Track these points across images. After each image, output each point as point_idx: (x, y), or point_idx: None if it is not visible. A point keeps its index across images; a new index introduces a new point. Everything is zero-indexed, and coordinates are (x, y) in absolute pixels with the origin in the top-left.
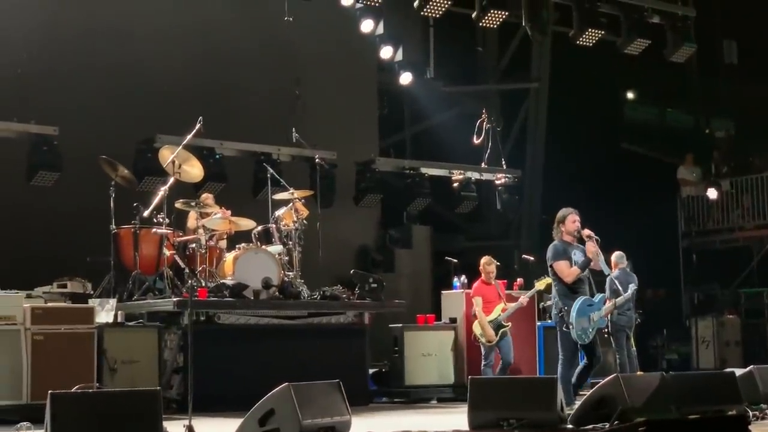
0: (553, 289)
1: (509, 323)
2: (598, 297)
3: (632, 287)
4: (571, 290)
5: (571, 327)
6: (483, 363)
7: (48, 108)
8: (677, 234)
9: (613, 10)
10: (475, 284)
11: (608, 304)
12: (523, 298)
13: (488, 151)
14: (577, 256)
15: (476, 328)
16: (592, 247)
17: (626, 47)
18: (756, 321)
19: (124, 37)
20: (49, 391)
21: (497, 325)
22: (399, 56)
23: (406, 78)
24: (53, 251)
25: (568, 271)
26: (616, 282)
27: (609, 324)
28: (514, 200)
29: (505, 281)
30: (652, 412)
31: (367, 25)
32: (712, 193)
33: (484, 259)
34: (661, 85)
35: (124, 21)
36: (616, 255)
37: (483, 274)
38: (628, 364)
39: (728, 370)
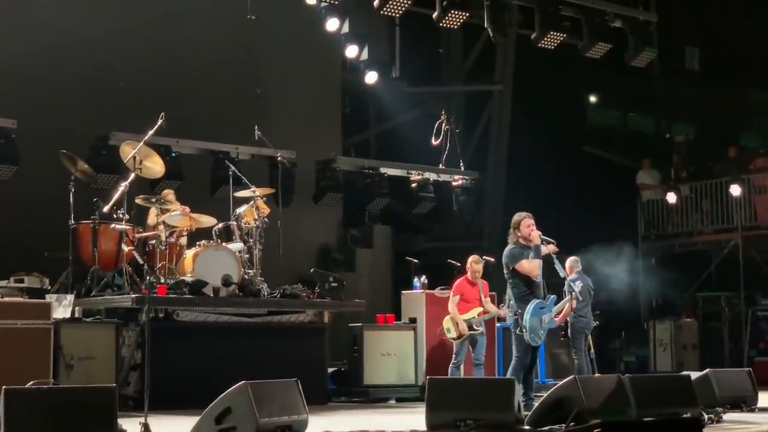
0: (509, 293)
1: (480, 328)
2: (549, 299)
3: (578, 284)
4: (526, 293)
5: (524, 330)
6: (453, 361)
7: (6, 100)
8: (637, 237)
9: (575, 13)
10: (458, 281)
11: (566, 307)
12: (503, 310)
13: (446, 152)
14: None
15: (446, 323)
16: (552, 249)
17: (588, 51)
18: (713, 325)
19: (85, 31)
20: (3, 387)
21: (468, 327)
22: (364, 55)
23: (371, 77)
24: (10, 246)
25: (530, 266)
26: (573, 285)
27: (568, 326)
28: (471, 202)
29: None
30: (608, 414)
31: (332, 24)
32: (671, 197)
33: (471, 258)
34: (623, 89)
35: (85, 16)
36: (571, 260)
37: (469, 272)
38: (585, 366)
39: (684, 373)
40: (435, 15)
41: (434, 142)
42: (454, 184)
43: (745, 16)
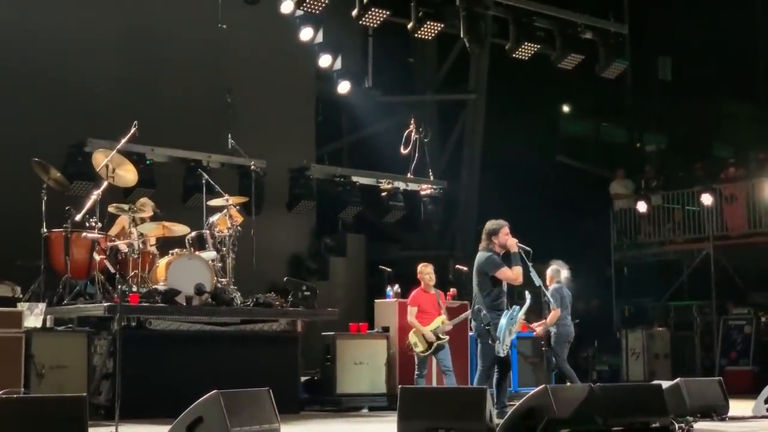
0: (480, 302)
1: (447, 336)
2: (515, 310)
3: (559, 294)
4: (498, 303)
5: (498, 342)
6: (416, 373)
7: None
8: (609, 246)
9: (549, 24)
10: (414, 292)
11: (549, 316)
12: (466, 314)
13: (415, 161)
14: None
15: (412, 337)
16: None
17: (560, 62)
18: (685, 334)
19: (59, 39)
20: None
21: (435, 336)
22: (338, 65)
23: (344, 87)
24: None
25: (514, 273)
26: (558, 294)
27: (553, 335)
28: (439, 211)
29: (453, 291)
30: (579, 424)
31: (306, 34)
32: (641, 206)
33: (420, 266)
34: (596, 99)
35: (58, 24)
36: (552, 269)
37: (422, 282)
38: (570, 373)
39: (655, 382)
40: (410, 26)
41: (403, 151)
42: (422, 193)
43: (717, 27)
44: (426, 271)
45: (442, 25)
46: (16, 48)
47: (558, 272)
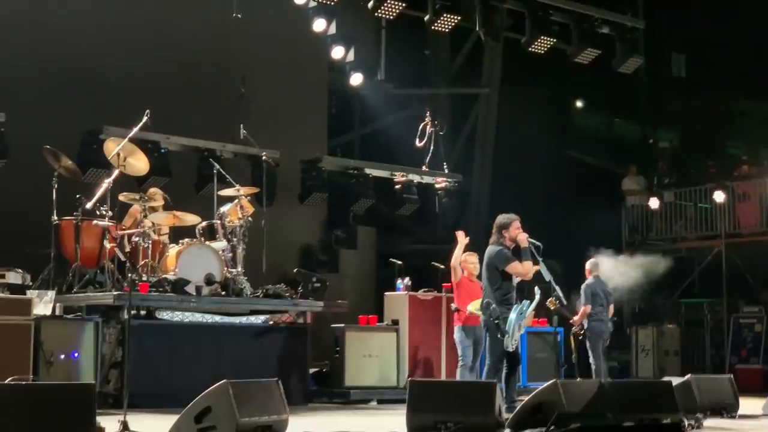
0: (491, 296)
1: None
2: (525, 304)
3: (590, 289)
4: (508, 297)
5: (507, 336)
6: (460, 363)
7: None
8: (621, 243)
9: (565, 18)
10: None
11: (581, 310)
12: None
13: (430, 154)
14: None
15: (471, 307)
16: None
17: (576, 56)
18: (695, 331)
19: (73, 28)
20: None
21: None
22: (350, 57)
23: (356, 79)
24: None
25: (525, 268)
26: (589, 289)
27: (586, 331)
28: (454, 204)
29: None
30: (589, 419)
31: (319, 25)
32: (653, 203)
33: (465, 255)
34: (609, 95)
35: (74, 12)
36: (590, 262)
37: (465, 271)
38: (603, 370)
39: (665, 378)
40: (427, 18)
41: (418, 143)
42: (437, 186)
43: (731, 24)
44: (471, 261)
45: (459, 18)
46: (33, 36)
47: (596, 266)
